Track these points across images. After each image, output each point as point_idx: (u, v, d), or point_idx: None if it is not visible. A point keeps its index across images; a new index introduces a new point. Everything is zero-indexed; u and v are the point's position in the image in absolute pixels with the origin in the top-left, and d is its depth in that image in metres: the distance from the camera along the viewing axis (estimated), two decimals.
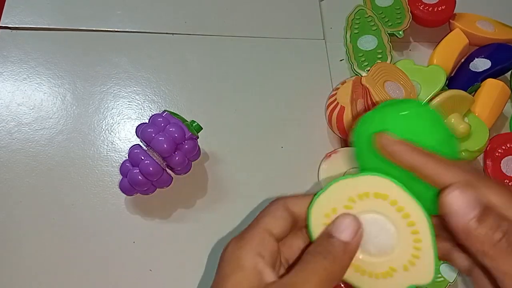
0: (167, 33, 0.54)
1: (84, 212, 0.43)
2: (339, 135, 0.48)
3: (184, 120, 0.42)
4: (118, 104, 0.49)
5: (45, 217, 0.43)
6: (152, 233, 0.43)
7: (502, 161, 0.47)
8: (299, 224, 0.25)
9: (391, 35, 0.53)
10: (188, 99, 0.50)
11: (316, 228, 0.24)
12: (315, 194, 0.24)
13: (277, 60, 0.54)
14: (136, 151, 0.40)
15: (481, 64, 0.52)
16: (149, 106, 0.50)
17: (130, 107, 0.49)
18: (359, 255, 0.24)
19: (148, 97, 0.50)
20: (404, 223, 0.23)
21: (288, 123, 0.50)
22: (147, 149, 0.41)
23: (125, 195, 0.43)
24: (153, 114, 0.43)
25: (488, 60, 0.51)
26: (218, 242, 0.43)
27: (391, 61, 0.51)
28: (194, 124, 0.43)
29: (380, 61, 0.51)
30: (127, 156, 0.41)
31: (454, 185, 0.21)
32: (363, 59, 0.52)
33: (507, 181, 0.46)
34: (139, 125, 0.42)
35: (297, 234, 0.26)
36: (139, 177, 0.40)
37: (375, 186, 0.23)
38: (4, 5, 0.53)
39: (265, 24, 0.56)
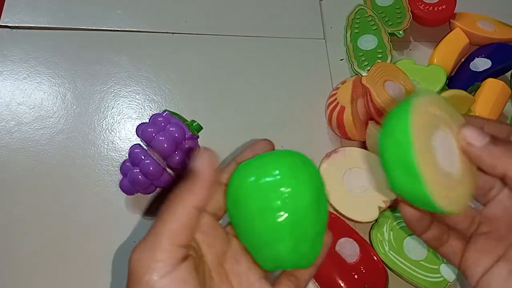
0: (167, 33, 0.54)
1: (84, 211, 0.43)
2: (339, 135, 0.48)
3: (184, 120, 0.42)
4: (118, 104, 0.49)
5: (45, 217, 0.43)
6: None
7: None
8: None
9: (391, 34, 0.53)
10: (189, 98, 0.50)
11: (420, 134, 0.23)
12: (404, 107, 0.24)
13: (277, 60, 0.54)
14: (136, 150, 0.40)
15: (481, 63, 0.52)
16: (149, 105, 0.50)
17: (131, 106, 0.49)
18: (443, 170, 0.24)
19: (149, 96, 0.50)
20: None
21: (288, 123, 0.50)
22: (148, 148, 0.41)
23: (125, 195, 0.43)
24: (153, 113, 0.43)
25: (489, 60, 0.51)
26: None
27: (391, 60, 0.51)
28: (194, 124, 0.43)
29: (380, 61, 0.51)
30: (128, 156, 0.41)
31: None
32: (363, 58, 0.52)
33: None
34: (139, 124, 0.42)
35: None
36: (140, 176, 0.40)
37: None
38: (4, 4, 0.53)
39: (265, 24, 0.56)
